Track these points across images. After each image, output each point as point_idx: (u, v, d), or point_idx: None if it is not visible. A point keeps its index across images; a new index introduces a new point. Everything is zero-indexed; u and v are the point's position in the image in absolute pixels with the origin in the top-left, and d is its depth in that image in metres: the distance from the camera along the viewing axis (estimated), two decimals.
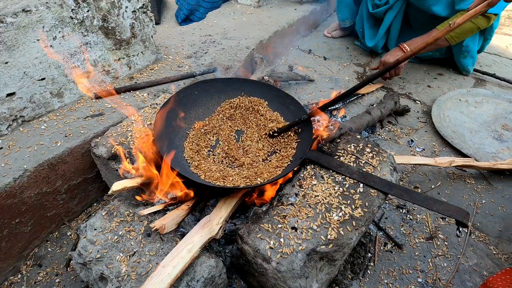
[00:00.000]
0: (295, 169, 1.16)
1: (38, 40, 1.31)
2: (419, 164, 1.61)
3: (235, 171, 1.17)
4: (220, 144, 1.29)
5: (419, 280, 1.24)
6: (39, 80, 1.37)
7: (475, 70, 2.45)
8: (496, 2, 0.79)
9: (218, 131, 1.34)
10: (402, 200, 1.52)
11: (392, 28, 2.38)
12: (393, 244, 1.35)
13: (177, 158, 1.20)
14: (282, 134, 1.28)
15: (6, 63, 1.25)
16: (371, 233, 1.38)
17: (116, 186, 1.05)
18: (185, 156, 1.23)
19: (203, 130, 1.33)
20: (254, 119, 1.37)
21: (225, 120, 1.38)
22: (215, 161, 1.23)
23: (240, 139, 1.32)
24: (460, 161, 1.58)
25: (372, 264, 1.29)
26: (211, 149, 1.28)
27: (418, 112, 2.09)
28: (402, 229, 1.41)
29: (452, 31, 0.88)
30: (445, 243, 1.36)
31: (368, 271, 1.26)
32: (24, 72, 1.31)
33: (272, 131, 1.28)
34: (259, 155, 1.24)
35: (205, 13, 2.79)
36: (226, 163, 1.23)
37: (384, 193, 1.05)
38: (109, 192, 1.04)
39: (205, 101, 1.41)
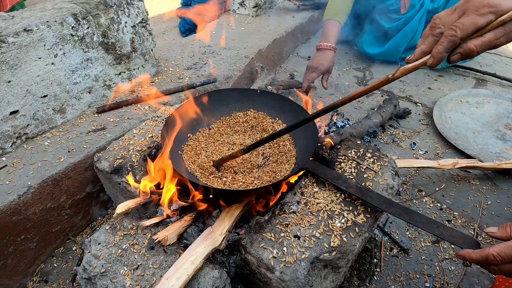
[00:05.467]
0: (295, 177, 1.16)
1: (40, 58, 1.34)
2: (423, 167, 1.60)
3: (235, 177, 1.18)
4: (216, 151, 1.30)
5: (427, 284, 1.22)
6: (41, 97, 1.39)
7: (475, 70, 2.44)
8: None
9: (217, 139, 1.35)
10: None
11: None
12: (399, 248, 1.34)
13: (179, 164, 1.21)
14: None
15: (9, 82, 1.27)
16: (376, 238, 1.37)
17: (120, 208, 1.05)
18: (184, 160, 1.24)
19: (204, 137, 1.35)
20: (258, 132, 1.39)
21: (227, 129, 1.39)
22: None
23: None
24: (464, 162, 1.58)
25: (378, 269, 1.27)
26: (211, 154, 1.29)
27: (419, 114, 2.09)
28: (407, 233, 1.40)
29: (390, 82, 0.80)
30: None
31: (375, 277, 1.25)
32: (26, 90, 1.33)
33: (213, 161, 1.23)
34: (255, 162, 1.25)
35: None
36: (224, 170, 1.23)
37: (381, 211, 1.04)
38: (114, 215, 1.05)
39: (218, 109, 1.43)
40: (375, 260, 1.30)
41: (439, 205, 1.51)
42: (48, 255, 1.35)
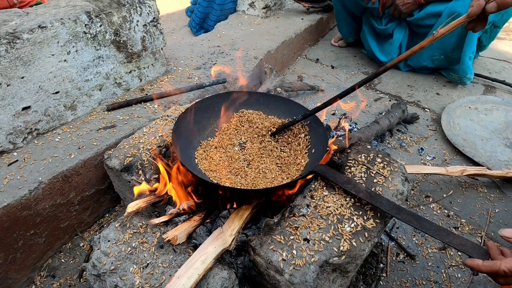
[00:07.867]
0: (305, 179, 1.17)
1: (53, 55, 1.35)
2: (431, 174, 1.60)
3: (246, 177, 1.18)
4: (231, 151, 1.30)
5: None
6: (53, 93, 1.40)
7: (484, 77, 2.43)
8: (474, 14, 0.81)
9: (229, 141, 1.35)
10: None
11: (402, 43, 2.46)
12: (405, 254, 1.34)
13: (192, 164, 1.22)
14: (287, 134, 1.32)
15: (22, 77, 1.28)
16: (383, 243, 1.37)
17: (131, 207, 1.06)
18: (197, 162, 1.24)
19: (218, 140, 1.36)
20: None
21: (236, 130, 1.40)
22: (230, 169, 1.24)
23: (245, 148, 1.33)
24: (472, 170, 1.57)
25: (384, 275, 1.27)
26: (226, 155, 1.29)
27: (427, 120, 2.08)
28: (414, 239, 1.40)
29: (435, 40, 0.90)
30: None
31: (381, 282, 1.25)
32: (39, 86, 1.34)
33: (271, 131, 1.33)
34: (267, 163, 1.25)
35: (215, 22, 2.85)
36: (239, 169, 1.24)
37: (391, 217, 1.04)
38: (125, 214, 1.06)
39: (229, 111, 1.44)
40: (381, 265, 1.30)
41: (446, 211, 1.50)
42: (56, 250, 1.36)
